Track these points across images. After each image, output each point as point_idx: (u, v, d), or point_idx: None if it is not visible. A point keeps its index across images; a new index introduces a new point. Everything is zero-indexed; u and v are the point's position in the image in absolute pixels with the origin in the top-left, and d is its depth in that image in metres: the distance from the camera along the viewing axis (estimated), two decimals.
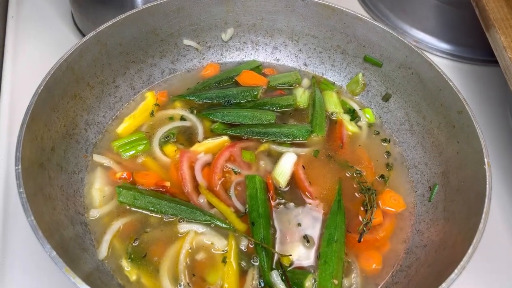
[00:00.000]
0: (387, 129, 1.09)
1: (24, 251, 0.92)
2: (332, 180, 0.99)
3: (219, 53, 1.19)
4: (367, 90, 1.14)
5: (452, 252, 0.77)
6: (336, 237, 0.89)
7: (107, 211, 0.92)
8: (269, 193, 0.95)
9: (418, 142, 1.03)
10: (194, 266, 0.86)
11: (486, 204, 0.77)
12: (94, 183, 0.95)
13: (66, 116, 0.95)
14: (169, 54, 1.14)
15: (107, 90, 1.05)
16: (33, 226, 0.71)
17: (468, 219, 0.80)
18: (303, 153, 1.02)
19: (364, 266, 0.89)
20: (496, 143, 1.14)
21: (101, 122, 1.04)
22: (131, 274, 0.85)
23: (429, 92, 1.00)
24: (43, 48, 1.28)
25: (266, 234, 0.89)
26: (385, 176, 1.01)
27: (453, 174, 0.92)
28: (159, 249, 0.87)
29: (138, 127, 1.05)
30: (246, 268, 0.86)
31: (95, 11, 1.23)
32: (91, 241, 0.88)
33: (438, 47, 1.33)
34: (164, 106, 1.09)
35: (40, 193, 0.81)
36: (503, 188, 1.08)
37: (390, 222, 0.94)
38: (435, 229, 0.89)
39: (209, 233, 0.89)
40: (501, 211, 1.04)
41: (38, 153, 0.85)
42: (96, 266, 0.83)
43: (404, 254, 0.90)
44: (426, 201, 0.96)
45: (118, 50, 1.04)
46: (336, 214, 0.92)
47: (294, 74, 1.17)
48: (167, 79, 1.15)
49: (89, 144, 1.00)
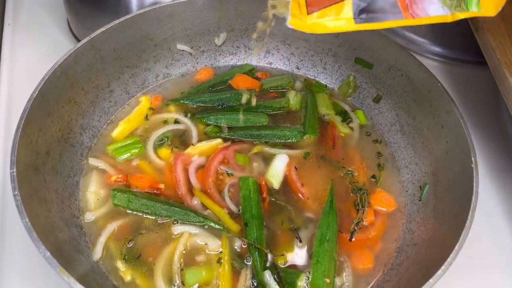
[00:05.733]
0: (378, 130, 1.11)
1: (21, 255, 0.94)
2: (324, 180, 1.00)
3: (212, 57, 1.21)
4: (358, 92, 1.15)
5: (441, 250, 0.78)
6: (328, 237, 0.90)
7: (102, 213, 0.93)
8: (262, 195, 0.96)
9: (408, 143, 1.05)
10: (188, 266, 0.87)
11: (473, 202, 0.79)
12: (89, 186, 0.97)
13: (61, 121, 0.96)
14: (163, 59, 1.15)
15: (101, 94, 1.07)
16: (27, 227, 0.72)
17: (456, 217, 0.81)
18: (296, 155, 1.04)
19: (356, 265, 0.90)
20: (486, 142, 1.15)
21: (96, 126, 1.05)
22: (126, 275, 0.86)
23: (419, 93, 1.02)
24: (40, 55, 1.29)
25: (259, 235, 0.90)
26: (376, 176, 1.02)
27: (442, 174, 0.94)
28: (154, 250, 0.89)
29: (133, 131, 1.06)
30: (239, 269, 0.87)
31: (90, 18, 1.24)
32: (86, 243, 0.89)
33: (428, 49, 1.35)
34: (158, 110, 1.11)
35: (35, 196, 0.82)
36: (492, 186, 1.09)
37: (381, 222, 0.95)
38: (425, 227, 0.91)
39: (203, 234, 0.90)
40: (490, 209, 1.05)
41: (33, 157, 0.87)
42: (91, 267, 0.85)
43: (395, 252, 0.92)
44: (417, 200, 0.97)
45: (112, 55, 1.06)
46: (328, 214, 0.93)
47: (287, 77, 1.18)
48: (161, 84, 1.16)
49: (84, 148, 1.02)
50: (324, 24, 0.71)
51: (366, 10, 0.71)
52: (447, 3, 0.72)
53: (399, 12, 0.71)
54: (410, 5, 0.71)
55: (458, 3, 0.72)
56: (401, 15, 0.71)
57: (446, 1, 0.72)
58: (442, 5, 0.71)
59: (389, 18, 0.71)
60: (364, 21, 0.71)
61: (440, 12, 0.72)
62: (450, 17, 0.72)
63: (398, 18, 0.71)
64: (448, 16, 0.72)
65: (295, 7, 0.70)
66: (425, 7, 0.71)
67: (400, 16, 0.71)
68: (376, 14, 0.71)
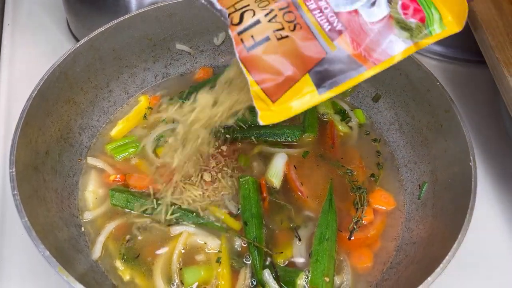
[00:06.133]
0: (377, 129, 1.11)
1: (21, 254, 0.94)
2: (324, 179, 1.00)
3: (211, 57, 1.21)
4: (357, 91, 1.15)
5: (439, 248, 0.78)
6: (327, 236, 0.90)
7: (101, 213, 0.93)
8: (262, 194, 0.96)
9: (407, 142, 1.05)
10: (187, 265, 0.87)
11: (471, 200, 0.79)
12: (88, 185, 0.97)
13: (60, 121, 0.96)
14: (162, 59, 1.15)
15: (101, 94, 1.07)
16: (27, 227, 0.72)
17: (455, 215, 0.81)
18: (295, 154, 1.04)
19: (355, 264, 0.90)
20: (484, 141, 1.15)
21: (95, 126, 1.05)
22: (125, 275, 0.86)
23: (418, 92, 1.02)
24: (39, 55, 1.29)
25: (259, 234, 0.90)
26: (375, 175, 1.02)
27: (441, 172, 0.94)
28: (153, 249, 0.89)
29: (131, 130, 1.06)
30: (238, 268, 0.87)
31: (90, 18, 1.24)
32: (86, 243, 0.89)
33: (427, 48, 1.34)
34: (157, 109, 1.11)
35: (34, 195, 0.83)
36: (491, 185, 1.09)
37: (380, 220, 0.95)
38: (424, 226, 0.91)
39: (202, 233, 0.90)
40: (489, 208, 1.06)
41: (33, 157, 0.87)
42: (90, 266, 0.85)
43: (394, 251, 0.92)
44: (416, 199, 0.97)
45: (111, 55, 1.06)
46: (328, 213, 0.93)
47: None
48: (160, 83, 1.17)
49: (84, 147, 1.02)
50: (291, 106, 0.69)
51: (325, 77, 0.69)
52: (405, 35, 0.69)
53: (360, 66, 0.68)
54: (368, 55, 0.69)
55: (418, 31, 0.70)
56: (363, 67, 0.68)
57: (403, 33, 0.69)
58: (403, 39, 0.69)
59: (353, 75, 0.68)
60: (328, 88, 0.68)
61: (403, 46, 0.69)
62: (414, 47, 0.69)
63: (361, 72, 0.68)
64: (411, 47, 0.69)
65: (259, 103, 0.69)
66: (386, 49, 0.69)
67: (363, 69, 0.68)
68: (338, 77, 0.68)
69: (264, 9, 0.72)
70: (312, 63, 0.69)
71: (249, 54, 0.70)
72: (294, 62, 0.70)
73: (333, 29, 0.69)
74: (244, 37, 0.71)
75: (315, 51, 0.69)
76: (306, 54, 0.70)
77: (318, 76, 0.69)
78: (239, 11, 0.73)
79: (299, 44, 0.70)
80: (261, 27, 0.71)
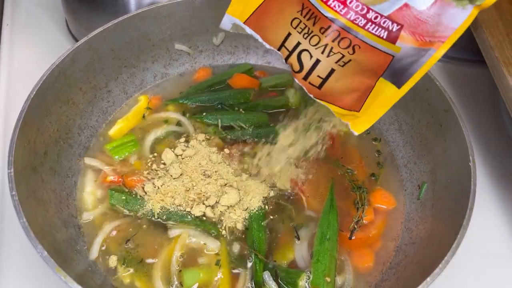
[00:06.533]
0: (377, 128, 1.10)
1: (20, 255, 0.93)
2: (325, 179, 1.00)
3: (210, 57, 1.21)
4: None
5: (439, 248, 0.78)
6: (328, 235, 0.90)
7: (99, 213, 0.93)
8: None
9: (407, 141, 1.05)
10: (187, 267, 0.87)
11: (470, 200, 0.79)
12: (86, 186, 0.97)
13: (59, 121, 0.96)
14: (161, 59, 1.15)
15: (99, 94, 1.07)
16: (25, 227, 0.72)
17: (454, 215, 0.81)
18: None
19: (356, 264, 0.89)
20: (484, 140, 1.15)
21: (94, 126, 1.05)
22: (124, 276, 0.86)
23: (417, 92, 1.01)
24: (38, 55, 1.29)
25: (259, 236, 0.90)
26: (376, 175, 1.02)
27: (440, 172, 0.94)
28: (152, 250, 0.89)
29: (130, 130, 1.06)
30: (238, 270, 0.87)
31: (89, 18, 1.24)
32: (84, 243, 0.89)
33: None
34: (156, 109, 1.11)
35: (33, 196, 0.82)
36: (490, 185, 1.09)
37: (381, 220, 0.95)
38: (423, 226, 0.91)
39: (202, 235, 0.90)
40: (488, 208, 1.05)
41: (31, 157, 0.87)
42: (89, 267, 0.85)
43: (394, 251, 0.91)
44: (415, 199, 0.97)
45: (110, 55, 1.05)
46: (329, 213, 0.93)
47: (286, 76, 1.18)
48: (159, 83, 1.16)
49: (82, 148, 1.02)
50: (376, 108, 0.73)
51: (399, 73, 0.70)
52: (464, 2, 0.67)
53: (429, 50, 0.68)
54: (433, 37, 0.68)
55: None
56: (432, 49, 0.68)
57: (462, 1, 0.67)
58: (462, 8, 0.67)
59: (425, 60, 0.69)
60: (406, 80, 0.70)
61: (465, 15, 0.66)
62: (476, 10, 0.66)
63: (431, 54, 0.68)
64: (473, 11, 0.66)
65: (347, 118, 0.73)
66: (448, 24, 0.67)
67: (432, 52, 0.68)
68: (411, 67, 0.70)
69: (318, 47, 0.73)
70: (382, 69, 0.72)
71: (322, 91, 0.74)
72: (365, 75, 0.73)
73: (391, 32, 0.70)
74: (312, 80, 0.75)
75: (381, 59, 0.71)
76: (374, 65, 0.72)
77: (392, 75, 0.71)
78: (294, 54, 0.75)
79: (364, 60, 0.72)
80: (323, 65, 0.74)
